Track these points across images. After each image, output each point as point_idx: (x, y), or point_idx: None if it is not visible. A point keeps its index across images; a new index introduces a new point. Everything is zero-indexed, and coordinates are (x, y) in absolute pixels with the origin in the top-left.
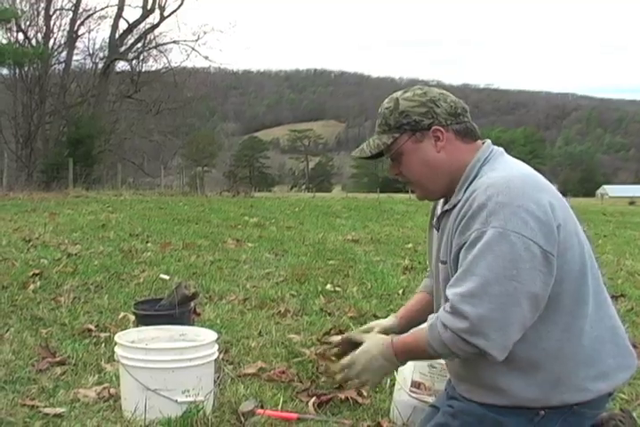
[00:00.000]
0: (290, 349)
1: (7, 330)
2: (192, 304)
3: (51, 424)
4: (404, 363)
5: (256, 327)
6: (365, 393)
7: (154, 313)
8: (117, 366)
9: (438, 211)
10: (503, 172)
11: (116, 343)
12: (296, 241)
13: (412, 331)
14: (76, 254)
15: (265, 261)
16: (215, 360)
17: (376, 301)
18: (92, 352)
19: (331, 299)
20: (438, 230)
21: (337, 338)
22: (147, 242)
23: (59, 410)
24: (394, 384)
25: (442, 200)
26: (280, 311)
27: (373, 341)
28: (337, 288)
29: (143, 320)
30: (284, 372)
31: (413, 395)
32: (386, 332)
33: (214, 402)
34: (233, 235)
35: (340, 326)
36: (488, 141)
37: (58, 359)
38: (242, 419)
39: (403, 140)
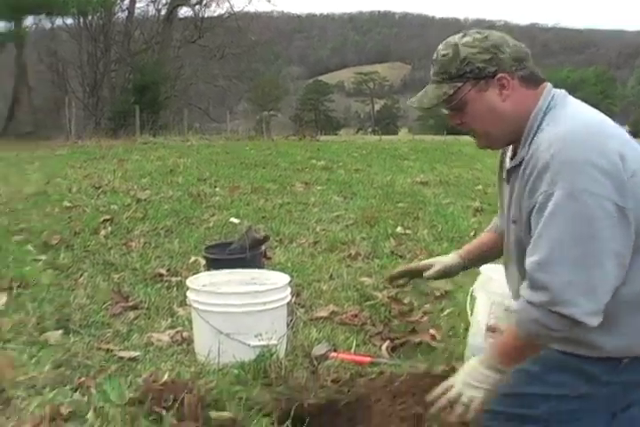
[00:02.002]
0: (361, 292)
1: (81, 275)
2: (262, 248)
3: (126, 367)
4: (509, 368)
5: (327, 271)
6: (439, 337)
7: (225, 257)
8: (189, 310)
9: (507, 163)
10: (565, 124)
11: (187, 288)
12: (364, 184)
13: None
14: (145, 200)
15: (334, 204)
16: (288, 304)
17: (447, 244)
18: (163, 296)
19: (401, 242)
20: (508, 183)
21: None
22: (215, 186)
23: (133, 354)
24: (467, 329)
25: (509, 150)
26: (351, 254)
27: (469, 362)
28: (407, 231)
29: (214, 265)
30: (356, 315)
31: (490, 340)
32: (447, 270)
33: (287, 346)
34: (301, 178)
35: None
36: (549, 86)
37: (131, 304)
38: (315, 363)
39: (465, 89)
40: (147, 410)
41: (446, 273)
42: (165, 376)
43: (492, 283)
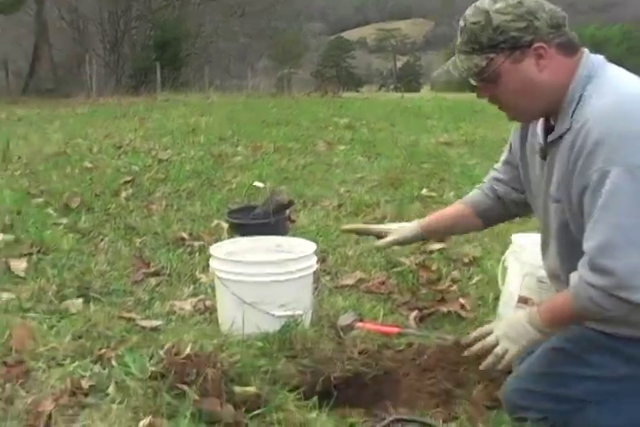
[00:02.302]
0: (388, 258)
1: (102, 240)
2: (287, 212)
3: (147, 338)
4: (552, 331)
5: (352, 235)
6: (469, 307)
7: (249, 222)
8: (212, 278)
9: (539, 137)
10: (612, 95)
11: (210, 255)
12: (388, 144)
13: (553, 297)
14: (166, 160)
15: (357, 165)
16: (314, 272)
17: None
18: (186, 262)
19: (427, 204)
20: (545, 159)
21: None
22: (237, 146)
23: (155, 323)
24: (497, 298)
25: (539, 122)
26: (376, 218)
27: (515, 314)
28: (432, 193)
29: (237, 229)
30: (383, 283)
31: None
32: (402, 241)
33: (313, 316)
34: (324, 137)
35: None
36: (586, 52)
37: (152, 270)
38: (341, 333)
39: (499, 60)
40: (169, 385)
41: (400, 244)
42: (188, 349)
43: (524, 253)
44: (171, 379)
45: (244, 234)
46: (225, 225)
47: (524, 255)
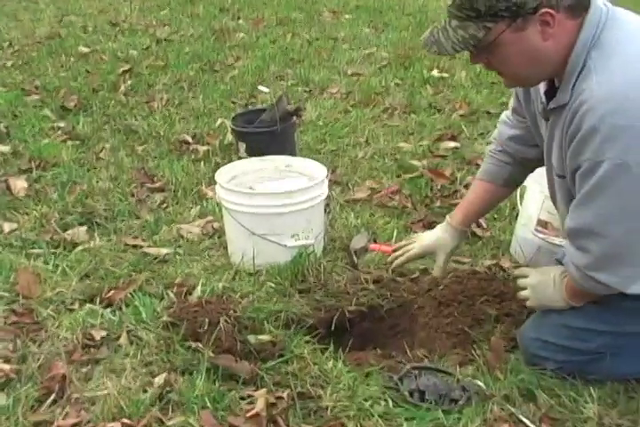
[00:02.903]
0: (400, 162)
1: (102, 149)
2: (294, 119)
3: (156, 273)
4: (580, 304)
5: (362, 132)
6: (484, 224)
7: (254, 130)
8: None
9: (542, 97)
10: (616, 73)
11: (215, 177)
12: (395, 11)
13: None
14: (165, 40)
15: (364, 39)
16: (325, 199)
17: (487, 91)
18: (191, 174)
19: (438, 89)
20: (547, 122)
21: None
22: (238, 18)
23: (163, 251)
24: (513, 209)
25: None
26: (387, 109)
27: (554, 272)
28: (444, 74)
29: (242, 137)
30: (395, 192)
31: (539, 235)
32: (451, 253)
33: (325, 242)
34: (328, 4)
35: (451, 126)
36: (592, 10)
37: (157, 185)
38: (354, 259)
39: (499, 30)
40: (182, 336)
41: (451, 255)
42: (198, 289)
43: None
44: (183, 330)
45: (249, 142)
46: (229, 124)
47: (544, 178)
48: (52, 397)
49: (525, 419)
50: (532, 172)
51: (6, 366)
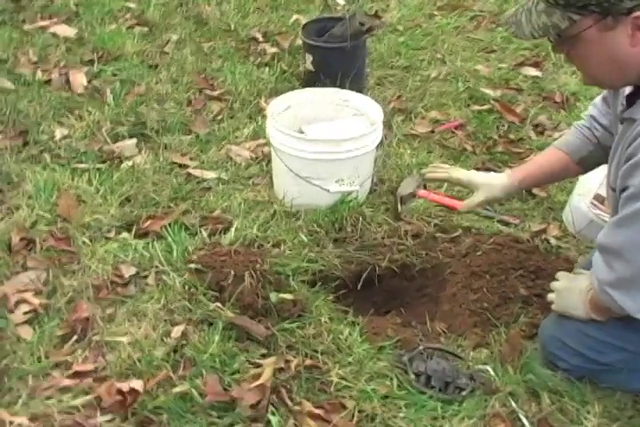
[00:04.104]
0: (472, 89)
1: (168, 41)
2: (366, 36)
3: (196, 203)
4: (592, 315)
5: (441, 46)
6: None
7: (323, 45)
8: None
9: (622, 98)
10: None
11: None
12: None
13: None
14: None
15: None
16: (378, 144)
17: None
18: (252, 83)
19: None
20: (621, 124)
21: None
22: None
23: (207, 175)
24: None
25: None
26: (474, 18)
27: (582, 282)
28: None
29: (311, 50)
30: (459, 126)
31: (593, 209)
32: (491, 200)
33: (372, 183)
34: None
35: (538, 47)
36: None
37: (216, 93)
38: (399, 206)
39: (585, 24)
40: (206, 285)
41: (488, 204)
42: (231, 234)
43: None
44: (208, 278)
45: (316, 55)
46: (303, 20)
47: None
48: (75, 337)
49: (525, 419)
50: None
51: (35, 300)
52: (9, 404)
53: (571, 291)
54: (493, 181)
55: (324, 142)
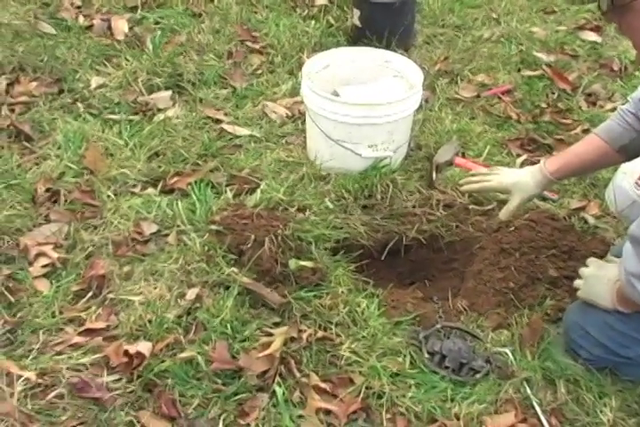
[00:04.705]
0: (525, 52)
1: None
2: None
3: (224, 162)
4: (618, 307)
5: (498, 4)
6: None
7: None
8: None
9: None
10: None
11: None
12: None
13: None
14: None
15: None
16: (416, 109)
17: None
18: (297, 37)
19: None
20: None
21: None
22: None
23: (240, 131)
24: None
25: None
26: None
27: (611, 271)
28: None
29: (358, 4)
30: (507, 92)
31: (637, 190)
32: (527, 200)
33: (409, 148)
34: None
35: None
36: None
37: (257, 46)
38: (434, 174)
39: None
40: (226, 247)
41: (527, 202)
42: (257, 196)
43: None
44: (228, 240)
45: (364, 10)
46: None
47: None
48: (90, 294)
49: (538, 407)
50: None
51: (54, 254)
52: (20, 357)
53: (599, 279)
54: (524, 179)
55: (357, 106)
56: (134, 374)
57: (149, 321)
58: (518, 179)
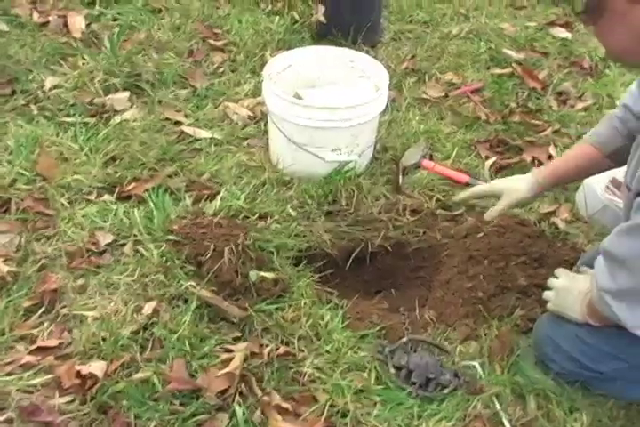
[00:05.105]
0: (494, 50)
1: None
2: None
3: (184, 166)
4: (588, 319)
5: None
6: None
7: None
8: None
9: None
10: None
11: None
12: None
13: None
14: None
15: None
16: (382, 111)
17: None
18: (259, 34)
19: None
20: None
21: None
22: None
23: (200, 134)
24: None
25: None
26: None
27: (582, 283)
28: None
29: (324, 1)
30: (476, 91)
31: (607, 195)
32: (517, 204)
33: (374, 151)
34: None
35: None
36: None
37: (219, 43)
38: (400, 178)
39: None
40: (185, 257)
41: (516, 207)
42: (217, 203)
43: None
44: (187, 251)
45: (329, 6)
46: None
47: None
48: (42, 309)
49: (508, 423)
50: None
51: (4, 268)
52: None
53: (569, 291)
54: (516, 184)
55: (320, 109)
56: (87, 396)
57: (103, 339)
58: (511, 183)
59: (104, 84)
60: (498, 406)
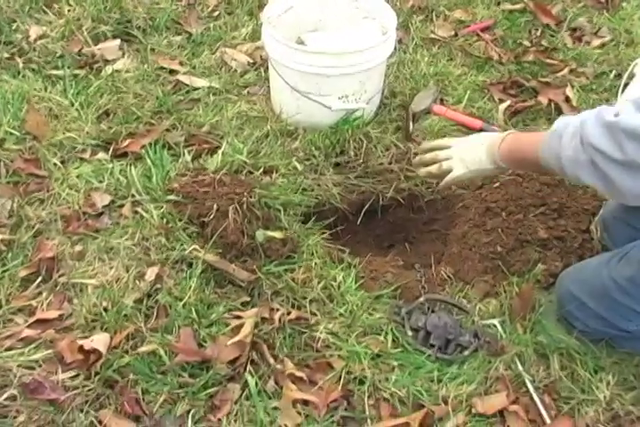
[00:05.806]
0: None
1: None
2: None
3: (182, 117)
4: (506, 168)
5: None
6: (575, 100)
7: None
8: None
9: None
10: None
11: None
12: None
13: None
14: None
15: None
16: (390, 54)
17: None
18: None
19: None
20: None
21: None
22: None
23: (198, 82)
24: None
25: None
26: None
27: (484, 137)
28: None
29: None
30: (486, 28)
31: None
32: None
33: (382, 97)
34: None
35: None
36: None
37: None
38: (410, 124)
39: None
40: (187, 218)
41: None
42: (218, 159)
43: None
44: (189, 211)
45: None
46: None
47: None
48: (40, 279)
49: (530, 385)
50: None
51: None
52: None
53: (472, 147)
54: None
55: (324, 55)
56: (92, 371)
57: (105, 309)
58: (470, 151)
59: (92, 32)
60: (520, 368)
